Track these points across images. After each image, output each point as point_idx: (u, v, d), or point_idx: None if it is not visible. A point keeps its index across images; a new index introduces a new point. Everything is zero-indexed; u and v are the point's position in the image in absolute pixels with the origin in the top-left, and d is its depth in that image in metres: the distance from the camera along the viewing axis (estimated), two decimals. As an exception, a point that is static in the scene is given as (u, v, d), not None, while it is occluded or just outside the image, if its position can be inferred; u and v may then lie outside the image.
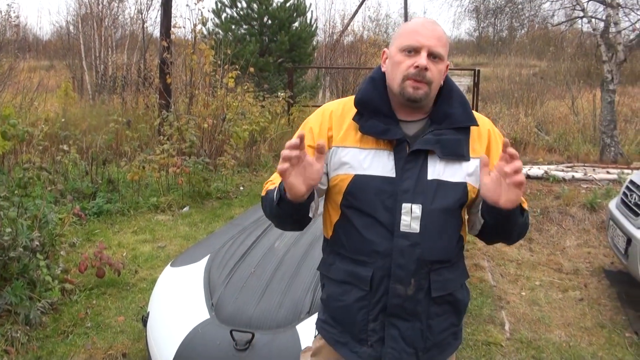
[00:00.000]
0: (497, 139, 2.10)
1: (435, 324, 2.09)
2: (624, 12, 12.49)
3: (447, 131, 2.01)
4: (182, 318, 3.39)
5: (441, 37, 1.97)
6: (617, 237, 5.41)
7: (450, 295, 2.10)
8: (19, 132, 6.07)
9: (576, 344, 4.54)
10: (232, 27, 15.72)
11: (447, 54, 2.01)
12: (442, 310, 2.10)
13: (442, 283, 2.05)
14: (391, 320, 2.06)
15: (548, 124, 14.63)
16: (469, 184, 2.00)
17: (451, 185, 1.99)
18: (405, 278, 2.01)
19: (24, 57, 16.73)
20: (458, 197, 2.00)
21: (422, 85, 1.96)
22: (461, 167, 2.00)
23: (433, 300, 2.06)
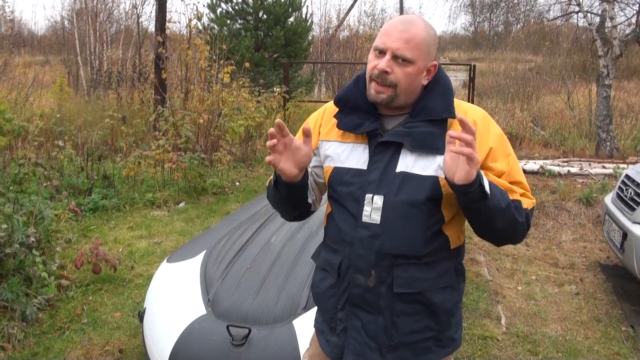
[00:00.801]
0: (486, 129, 2.00)
1: (402, 323, 2.05)
2: (619, 6, 12.48)
3: (421, 123, 1.97)
4: (178, 314, 3.39)
5: (411, 39, 1.91)
6: (612, 232, 5.42)
7: (420, 295, 2.03)
8: (15, 127, 6.06)
9: (572, 338, 4.55)
10: (228, 22, 15.69)
11: (423, 55, 1.94)
12: (412, 310, 2.05)
13: (407, 280, 2.01)
14: (354, 310, 2.09)
15: (544, 119, 14.62)
16: (441, 178, 1.93)
17: (419, 178, 1.95)
18: (365, 269, 2.02)
19: (19, 53, 16.70)
20: (426, 190, 1.95)
21: (385, 89, 1.96)
22: (434, 160, 1.94)
23: (397, 296, 2.02)
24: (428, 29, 1.94)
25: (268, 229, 4.34)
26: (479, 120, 2.00)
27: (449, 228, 2.04)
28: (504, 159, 1.99)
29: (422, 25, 1.94)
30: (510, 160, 2.00)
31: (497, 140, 2.00)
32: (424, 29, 1.93)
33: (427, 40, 1.94)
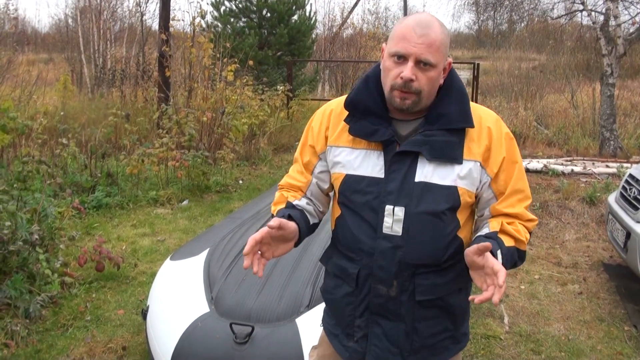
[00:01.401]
0: (499, 138, 1.98)
1: (422, 327, 2.06)
2: (623, 5, 12.46)
3: (438, 132, 1.94)
4: (181, 311, 3.39)
5: (432, 42, 1.86)
6: (616, 231, 5.41)
7: (440, 300, 2.05)
8: (18, 125, 6.07)
9: (575, 338, 4.55)
10: (231, 20, 15.69)
11: (443, 57, 1.90)
12: (431, 314, 2.06)
13: (429, 287, 2.01)
14: (375, 318, 2.08)
15: (547, 118, 14.61)
16: (459, 187, 1.94)
17: (439, 188, 1.93)
18: (387, 279, 2.01)
19: (23, 51, 16.71)
20: (447, 200, 1.94)
21: (410, 96, 1.91)
22: (453, 169, 1.93)
23: (419, 303, 2.02)
24: (443, 29, 1.91)
25: (271, 227, 4.33)
26: (493, 128, 1.99)
27: (462, 231, 2.05)
28: (511, 167, 2.01)
29: (438, 25, 1.89)
30: (517, 168, 2.03)
31: (508, 149, 2.01)
32: (441, 30, 1.89)
33: (445, 41, 1.91)
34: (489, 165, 1.97)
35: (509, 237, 1.96)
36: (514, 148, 2.02)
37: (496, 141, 1.97)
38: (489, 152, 1.97)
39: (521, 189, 2.02)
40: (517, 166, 2.02)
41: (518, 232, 1.98)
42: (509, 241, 1.95)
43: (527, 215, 2.03)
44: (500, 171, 1.98)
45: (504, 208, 2.01)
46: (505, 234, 1.96)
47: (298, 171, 2.22)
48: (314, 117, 2.22)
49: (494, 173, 1.97)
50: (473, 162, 1.94)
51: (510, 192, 2.00)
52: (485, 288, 1.80)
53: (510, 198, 2.01)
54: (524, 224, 2.02)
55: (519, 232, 1.98)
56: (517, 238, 1.97)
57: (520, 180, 2.03)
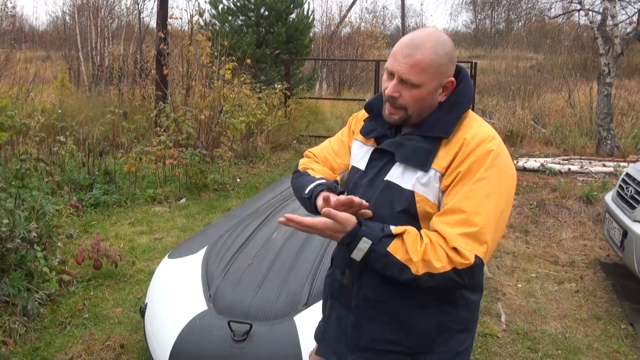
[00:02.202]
0: (470, 151, 1.85)
1: (367, 326, 2.05)
2: (620, 5, 12.50)
3: (415, 137, 1.95)
4: (180, 309, 3.40)
5: (416, 63, 1.85)
6: (613, 230, 5.43)
7: (386, 306, 2.00)
8: (16, 123, 6.06)
9: (572, 336, 4.56)
10: (229, 19, 15.68)
11: (430, 77, 1.88)
12: (379, 318, 2.02)
13: (375, 287, 2.00)
14: (334, 303, 2.20)
15: (545, 117, 14.64)
16: (417, 193, 1.89)
17: (399, 190, 1.93)
18: (342, 266, 2.12)
19: (20, 48, 16.69)
20: (402, 203, 1.91)
21: (395, 111, 1.96)
22: (416, 175, 1.90)
23: (366, 300, 2.03)
24: (437, 49, 1.87)
25: (269, 225, 4.35)
26: (469, 140, 1.87)
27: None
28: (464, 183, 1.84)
29: (429, 47, 1.86)
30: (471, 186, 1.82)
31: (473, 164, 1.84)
32: (432, 51, 1.86)
33: (435, 61, 1.87)
34: (446, 176, 1.88)
35: (402, 248, 1.80)
36: (483, 165, 1.83)
37: (463, 154, 1.86)
38: (451, 163, 1.87)
39: (463, 210, 1.80)
40: (475, 184, 1.82)
41: (416, 250, 1.79)
42: (397, 250, 1.80)
43: (455, 243, 1.77)
44: (452, 184, 1.86)
45: (438, 223, 1.84)
46: (400, 241, 1.81)
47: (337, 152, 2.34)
48: (358, 112, 2.34)
49: (445, 185, 1.87)
50: (434, 171, 1.88)
51: (450, 208, 1.83)
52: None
53: (449, 215, 1.83)
54: (446, 250, 1.78)
55: (416, 251, 1.79)
56: (410, 256, 1.78)
57: (468, 200, 1.81)
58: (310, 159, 2.36)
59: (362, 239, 1.79)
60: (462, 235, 1.77)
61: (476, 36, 42.13)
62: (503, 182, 1.85)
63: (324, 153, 2.35)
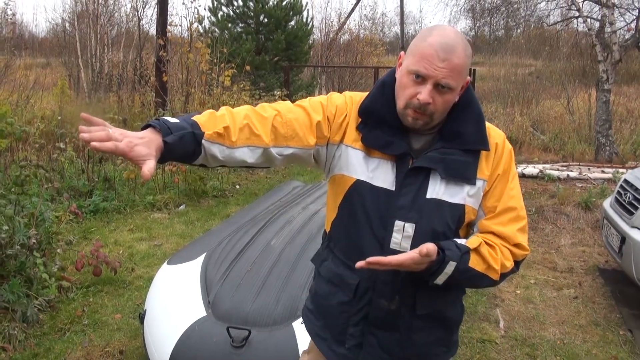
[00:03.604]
0: (502, 155, 1.95)
1: (417, 337, 2.05)
2: (619, 12, 12.54)
3: (454, 151, 1.89)
4: (179, 315, 3.40)
5: (455, 67, 1.78)
6: (611, 236, 5.44)
7: (437, 312, 2.05)
8: (16, 130, 6.07)
9: (570, 342, 4.57)
10: (229, 26, 15.72)
11: (463, 79, 1.85)
12: (427, 326, 2.05)
13: (429, 302, 2.01)
14: (371, 329, 2.05)
15: (543, 124, 14.66)
16: (467, 205, 1.91)
17: (449, 205, 1.90)
18: (390, 294, 1.98)
19: (20, 55, 16.72)
20: (455, 218, 1.92)
21: (422, 117, 1.84)
22: (463, 188, 1.90)
23: (418, 316, 2.02)
24: (467, 50, 1.83)
25: (268, 231, 4.35)
26: (500, 145, 1.96)
27: None
28: (504, 184, 1.95)
29: (462, 49, 1.81)
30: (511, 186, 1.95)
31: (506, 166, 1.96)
32: (464, 53, 1.81)
33: (467, 63, 1.84)
34: (488, 182, 1.93)
35: (481, 259, 1.87)
36: (512, 166, 1.97)
37: (498, 158, 1.94)
38: (495, 166, 1.94)
39: (513, 207, 1.93)
40: (512, 184, 1.95)
41: (494, 258, 1.87)
42: (477, 263, 1.86)
43: (518, 240, 1.91)
44: (492, 187, 1.93)
45: (493, 225, 1.92)
46: (478, 255, 1.86)
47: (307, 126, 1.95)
48: (337, 98, 2.08)
49: (486, 190, 1.93)
50: (482, 181, 1.92)
51: (501, 210, 1.92)
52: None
53: (501, 216, 1.92)
54: (510, 248, 1.90)
55: (495, 258, 1.87)
56: (490, 264, 1.86)
57: (514, 199, 1.94)
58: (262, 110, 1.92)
59: (449, 263, 1.80)
60: (519, 231, 1.93)
61: (475, 43, 42.03)
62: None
63: (294, 115, 1.94)
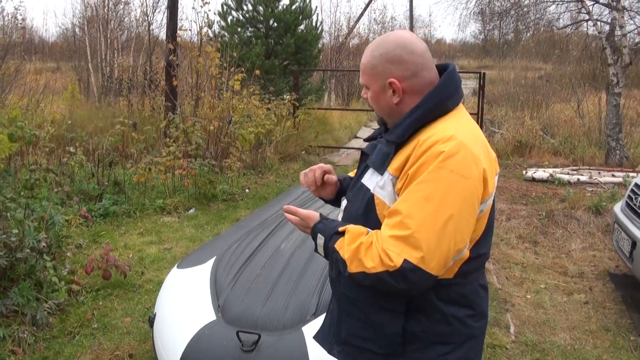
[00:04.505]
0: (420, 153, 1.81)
1: (345, 322, 2.12)
2: (629, 15, 12.48)
3: (383, 141, 2.03)
4: (188, 319, 3.40)
5: (362, 66, 2.03)
6: (622, 241, 5.41)
7: (359, 303, 2.02)
8: (26, 134, 6.10)
9: (581, 347, 4.55)
10: (238, 30, 15.74)
11: (370, 79, 2.00)
12: (355, 314, 2.06)
13: (348, 285, 2.04)
14: (331, 297, 2.28)
15: (553, 127, 14.62)
16: (376, 196, 1.93)
17: (363, 189, 2.01)
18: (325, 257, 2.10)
19: (30, 59, 16.80)
20: (364, 203, 1.98)
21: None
22: (377, 177, 1.96)
23: (344, 295, 2.10)
24: (374, 51, 1.98)
25: (278, 235, 4.35)
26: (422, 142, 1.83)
27: None
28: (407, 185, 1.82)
29: (369, 50, 2.01)
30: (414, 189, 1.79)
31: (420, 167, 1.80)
32: (369, 53, 2.00)
33: (371, 62, 1.99)
34: (399, 179, 1.88)
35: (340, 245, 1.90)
36: (429, 167, 1.78)
37: (414, 156, 1.83)
38: (404, 166, 1.86)
39: (399, 212, 1.79)
40: (415, 186, 1.79)
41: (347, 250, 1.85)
42: (340, 247, 1.89)
43: (385, 245, 1.78)
44: (402, 187, 1.85)
45: (383, 224, 1.87)
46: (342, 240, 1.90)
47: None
48: None
49: (398, 188, 1.87)
50: (389, 175, 1.90)
51: (391, 211, 1.85)
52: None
53: (389, 217, 1.84)
54: (379, 252, 1.79)
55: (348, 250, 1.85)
56: (343, 255, 1.87)
57: (405, 203, 1.80)
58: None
59: (317, 235, 1.99)
60: (392, 238, 1.77)
61: (485, 47, 42.15)
62: (453, 185, 1.76)
63: None
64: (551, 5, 14.78)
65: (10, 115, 6.97)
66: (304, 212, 2.05)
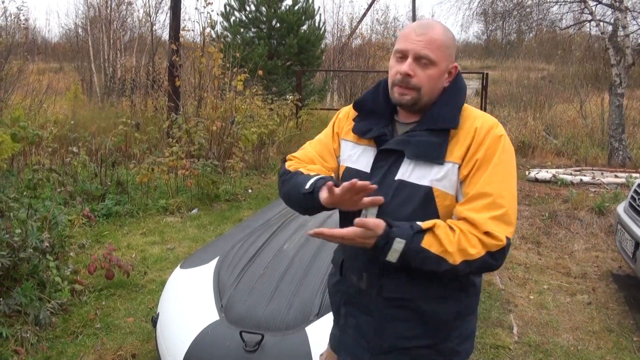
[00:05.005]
0: (482, 139, 1.91)
1: (391, 327, 2.05)
2: (632, 15, 12.47)
3: (422, 132, 1.96)
4: (191, 319, 3.40)
5: (432, 40, 1.90)
6: (625, 241, 5.40)
7: (410, 302, 2.02)
8: (29, 134, 6.11)
9: (584, 348, 4.54)
10: (241, 30, 15.75)
11: (444, 56, 1.93)
12: (402, 315, 2.03)
13: (396, 286, 2.01)
14: (351, 309, 2.16)
15: (556, 128, 14.62)
16: (435, 188, 1.91)
17: (413, 187, 1.93)
18: (357, 271, 2.09)
19: (33, 60, 16.80)
20: (420, 201, 1.92)
21: (408, 92, 1.95)
22: (431, 170, 1.91)
23: (388, 301, 2.03)
24: (447, 32, 1.95)
25: (281, 235, 4.35)
26: (480, 128, 1.93)
27: None
28: (484, 168, 1.89)
29: (440, 27, 1.94)
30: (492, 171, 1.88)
31: (488, 149, 1.90)
32: (443, 32, 1.94)
33: (446, 42, 1.94)
34: (463, 166, 1.91)
35: (435, 241, 1.83)
36: (497, 153, 1.90)
37: (477, 142, 1.91)
38: (467, 153, 1.92)
39: (488, 193, 1.86)
40: (494, 169, 1.88)
41: (450, 241, 1.83)
42: (431, 244, 1.83)
43: (488, 227, 1.83)
44: (471, 173, 1.90)
45: (465, 210, 1.87)
46: (432, 236, 1.84)
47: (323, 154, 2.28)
48: (342, 110, 2.31)
49: (464, 175, 1.90)
50: (452, 164, 1.91)
51: (474, 195, 1.87)
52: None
53: (473, 201, 1.87)
54: (479, 236, 1.83)
55: (451, 242, 1.83)
56: (445, 248, 1.82)
57: (492, 185, 1.87)
58: (299, 161, 2.27)
59: (395, 239, 1.80)
60: (492, 219, 1.83)
61: (487, 47, 42.07)
62: (512, 164, 1.94)
63: (309, 156, 2.26)
64: (554, 5, 14.79)
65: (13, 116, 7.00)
66: (372, 221, 1.80)
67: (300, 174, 2.10)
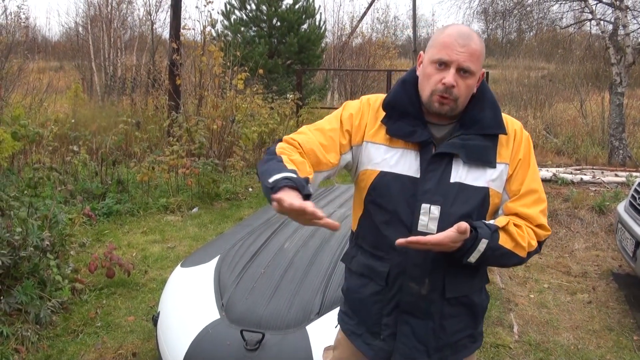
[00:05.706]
0: (521, 141, 2.09)
1: (448, 325, 2.10)
2: (632, 14, 12.48)
3: (474, 136, 2.02)
4: (192, 318, 3.40)
5: (474, 51, 1.95)
6: (625, 240, 5.41)
7: (465, 298, 2.12)
8: (29, 132, 6.11)
9: (584, 347, 4.54)
10: (242, 29, 15.77)
11: (480, 66, 2.00)
12: (457, 312, 2.12)
13: (457, 285, 2.08)
14: (404, 317, 2.10)
15: (557, 127, 14.62)
16: (491, 189, 2.02)
17: (473, 189, 2.01)
18: (420, 277, 2.04)
19: (33, 58, 16.81)
20: (479, 201, 2.02)
21: (449, 101, 1.98)
22: (485, 172, 2.02)
23: (447, 300, 2.08)
24: (482, 41, 2.01)
25: (281, 234, 4.35)
26: (518, 131, 2.11)
27: None
28: (526, 168, 2.08)
29: (477, 37, 1.99)
30: (532, 170, 2.09)
31: (526, 151, 2.10)
32: (480, 41, 1.99)
33: (483, 52, 2.01)
34: (510, 166, 2.06)
35: (509, 238, 1.97)
36: (531, 152, 2.12)
37: (517, 143, 2.08)
38: (514, 152, 2.07)
39: (535, 190, 2.06)
40: (532, 168, 2.08)
41: (521, 236, 1.99)
42: (506, 241, 1.97)
43: (540, 220, 2.03)
44: (515, 172, 2.06)
45: (518, 207, 2.04)
46: (506, 233, 1.97)
47: (326, 147, 2.09)
48: (349, 104, 2.21)
49: (509, 174, 2.05)
50: (504, 165, 2.05)
51: (525, 192, 2.05)
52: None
53: (525, 198, 2.05)
54: (533, 229, 2.02)
55: (522, 236, 1.99)
56: (518, 242, 1.98)
57: (535, 182, 2.07)
58: (292, 147, 2.05)
59: (481, 240, 1.91)
60: (541, 213, 2.05)
61: (488, 46, 41.99)
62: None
63: (311, 145, 2.06)
64: (554, 4, 14.80)
65: (13, 114, 7.00)
66: (464, 225, 1.83)
67: (277, 161, 1.90)
